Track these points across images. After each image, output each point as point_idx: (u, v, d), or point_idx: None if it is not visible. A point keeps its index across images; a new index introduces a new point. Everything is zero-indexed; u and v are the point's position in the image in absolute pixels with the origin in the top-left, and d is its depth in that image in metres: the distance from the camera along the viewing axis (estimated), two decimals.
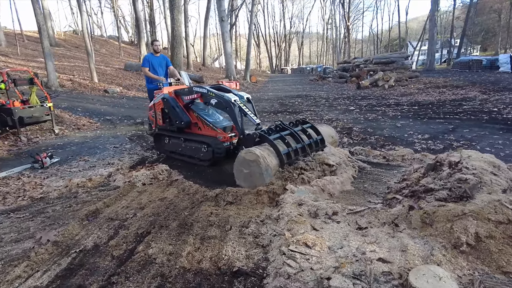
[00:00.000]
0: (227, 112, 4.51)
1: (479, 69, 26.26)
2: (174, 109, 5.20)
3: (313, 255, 2.44)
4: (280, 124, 4.50)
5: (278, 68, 66.52)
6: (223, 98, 4.46)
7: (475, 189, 3.07)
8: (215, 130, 5.01)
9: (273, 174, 3.90)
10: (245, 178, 3.89)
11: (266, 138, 4.09)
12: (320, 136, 4.53)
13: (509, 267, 2.23)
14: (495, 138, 6.01)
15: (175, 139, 5.42)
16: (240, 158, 3.91)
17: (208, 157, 4.95)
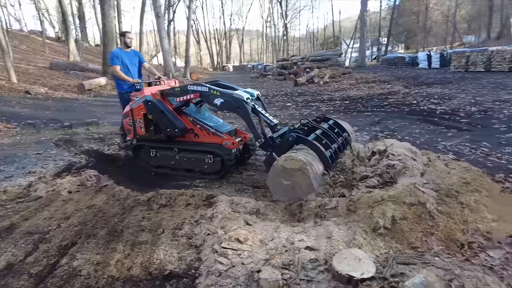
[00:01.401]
0: (239, 113, 3.84)
1: (403, 66, 28.83)
2: (163, 114, 4.33)
3: (244, 250, 2.49)
4: (307, 122, 4.06)
5: (219, 65, 66.20)
6: (232, 97, 3.80)
7: (400, 174, 3.39)
8: (219, 136, 4.29)
9: (320, 182, 3.37)
10: (286, 190, 3.30)
11: (306, 140, 3.54)
12: (346, 133, 4.21)
13: (417, 243, 2.50)
14: (413, 128, 6.67)
15: (164, 151, 4.59)
16: (278, 168, 3.29)
17: (216, 168, 4.25)
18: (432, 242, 2.49)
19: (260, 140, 3.77)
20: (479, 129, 6.32)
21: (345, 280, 2.14)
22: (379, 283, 2.12)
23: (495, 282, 2.14)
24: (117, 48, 5.83)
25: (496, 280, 2.16)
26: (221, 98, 3.89)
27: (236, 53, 76.52)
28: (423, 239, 2.50)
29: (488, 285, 2.11)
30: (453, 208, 2.74)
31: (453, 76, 17.25)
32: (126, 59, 5.66)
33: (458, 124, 6.80)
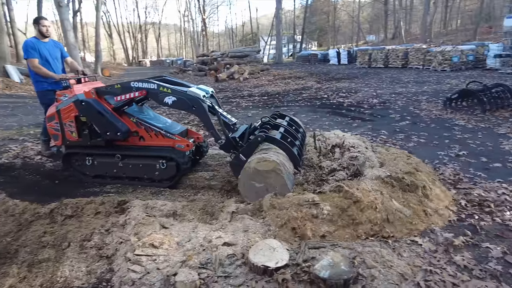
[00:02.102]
0: (194, 113, 3.59)
1: (316, 62, 30.85)
2: (101, 116, 3.82)
3: (160, 255, 2.40)
4: (269, 120, 3.85)
5: (135, 60, 62.45)
6: (187, 95, 3.49)
7: (364, 165, 3.56)
8: (170, 137, 3.90)
9: (292, 182, 3.27)
10: (258, 193, 3.14)
11: (274, 139, 3.41)
12: (302, 129, 4.12)
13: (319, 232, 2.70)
14: (323, 120, 7.20)
15: (104, 158, 4.04)
16: (250, 170, 3.11)
17: (169, 174, 3.86)
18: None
19: (220, 141, 3.54)
20: (379, 119, 7.11)
21: (261, 271, 2.22)
22: (292, 269, 2.25)
23: (389, 253, 2.45)
24: (32, 37, 4.91)
25: (390, 252, 2.47)
26: (173, 96, 3.53)
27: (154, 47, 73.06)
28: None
29: (383, 256, 2.39)
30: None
31: (359, 72, 19.08)
32: (45, 51, 4.81)
33: (362, 115, 7.56)
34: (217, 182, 3.82)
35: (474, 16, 36.67)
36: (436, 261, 2.36)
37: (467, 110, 7.38)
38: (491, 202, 3.17)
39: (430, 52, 17.88)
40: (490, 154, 4.61)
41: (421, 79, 13.85)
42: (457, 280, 2.15)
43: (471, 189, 3.46)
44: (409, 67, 19.44)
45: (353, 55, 26.68)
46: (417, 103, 8.65)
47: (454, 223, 2.87)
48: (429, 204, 3.00)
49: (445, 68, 16.47)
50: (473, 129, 5.94)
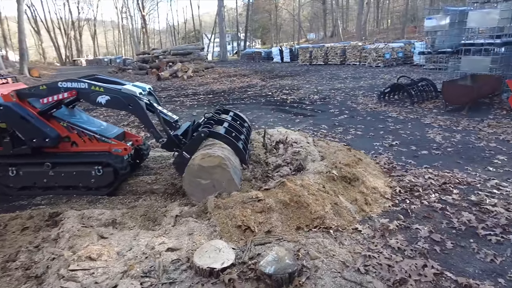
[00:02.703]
0: (131, 111, 3.34)
1: (260, 60, 31.24)
2: (25, 121, 3.44)
3: (98, 267, 2.24)
4: (212, 116, 3.72)
5: (69, 59, 57.83)
6: (121, 93, 3.25)
7: (306, 160, 3.59)
8: (106, 141, 3.63)
9: (240, 177, 3.22)
10: (205, 190, 3.03)
11: (218, 134, 3.29)
12: (247, 123, 4.07)
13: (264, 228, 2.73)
14: (268, 117, 7.31)
15: (31, 167, 3.63)
16: (195, 167, 2.99)
17: (107, 181, 3.58)
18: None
19: (162, 140, 3.39)
20: (319, 114, 7.40)
21: (207, 273, 2.17)
22: (239, 268, 2.23)
23: (331, 243, 2.55)
24: None
25: (332, 242, 2.57)
26: (106, 95, 3.31)
27: (90, 46, 68.25)
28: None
29: (326, 247, 2.48)
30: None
31: (301, 69, 19.71)
32: None
33: (304, 111, 7.81)
34: (159, 185, 3.67)
35: (401, 17, 39.88)
36: (374, 246, 2.51)
37: (399, 103, 8.00)
38: (420, 186, 3.47)
39: (365, 49, 19.08)
40: (418, 142, 5.04)
41: (358, 74, 14.71)
42: (392, 261, 2.31)
43: (403, 176, 3.75)
44: (347, 63, 20.54)
45: (295, 53, 27.45)
46: (354, 97, 9.16)
47: (390, 208, 3.08)
48: (368, 192, 3.18)
49: (379, 64, 17.69)
50: (404, 120, 6.45)
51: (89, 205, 3.35)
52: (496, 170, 3.88)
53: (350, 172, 3.34)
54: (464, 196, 3.26)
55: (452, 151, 4.59)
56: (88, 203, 3.42)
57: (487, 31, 8.55)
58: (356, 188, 3.23)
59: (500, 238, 2.56)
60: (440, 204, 3.11)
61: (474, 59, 8.11)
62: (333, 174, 3.23)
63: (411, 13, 41.33)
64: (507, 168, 3.91)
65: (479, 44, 7.95)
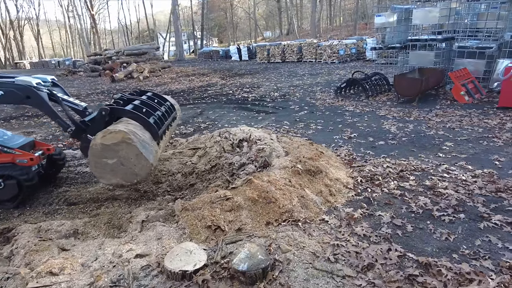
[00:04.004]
0: (31, 104, 3.06)
1: (218, 58, 31.02)
2: None
3: (61, 282, 2.11)
4: (121, 97, 3.47)
5: (10, 62, 53.44)
6: (15, 85, 2.98)
7: (271, 156, 3.57)
8: (9, 152, 3.35)
9: (155, 152, 2.97)
10: (114, 170, 2.79)
11: (122, 110, 3.07)
12: (168, 102, 3.89)
13: (235, 226, 2.73)
14: (231, 115, 7.29)
15: None
16: (98, 147, 2.73)
17: (11, 194, 3.32)
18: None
19: (70, 130, 3.21)
20: (281, 110, 7.52)
21: (179, 276, 2.13)
22: (212, 268, 2.21)
23: (301, 235, 2.60)
24: None
25: (301, 234, 2.63)
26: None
27: (33, 47, 63.55)
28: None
29: (296, 239, 2.54)
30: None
31: (259, 67, 19.84)
32: None
33: (266, 108, 7.89)
34: (122, 191, 3.53)
35: (352, 14, 41.64)
36: (341, 235, 2.61)
37: (355, 97, 8.34)
38: (379, 175, 3.65)
39: (320, 46, 19.63)
40: (375, 134, 5.30)
41: (314, 71, 15.12)
42: (359, 248, 2.41)
43: (363, 166, 3.93)
44: (303, 61, 21.01)
45: (253, 51, 27.58)
46: (312, 93, 9.41)
47: (353, 198, 3.21)
48: (332, 184, 3.29)
49: (334, 61, 18.31)
50: (360, 113, 6.74)
51: (46, 217, 3.14)
52: (445, 156, 4.18)
53: (314, 166, 3.43)
54: (420, 181, 3.49)
55: (406, 140, 4.88)
56: (44, 215, 3.20)
57: (430, 28, 9.18)
58: (320, 181, 3.33)
59: (452, 218, 2.77)
60: (399, 190, 3.30)
61: (420, 53, 8.69)
62: (298, 168, 3.30)
63: (362, 10, 43.25)
64: (454, 154, 4.23)
65: (424, 39, 8.51)
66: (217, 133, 4.53)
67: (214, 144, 4.18)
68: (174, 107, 4.05)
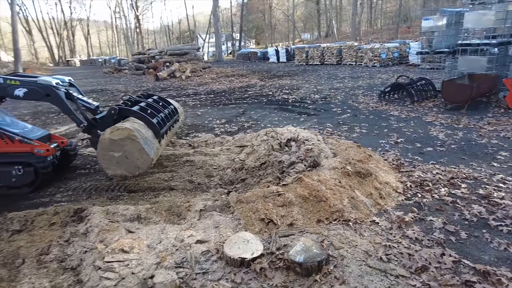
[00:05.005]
0: (50, 101, 3.55)
1: (256, 60, 31.38)
2: None
3: (132, 259, 2.33)
4: (129, 98, 4.00)
5: (63, 60, 57.31)
6: (38, 84, 3.46)
7: (319, 157, 3.69)
8: (28, 143, 3.76)
9: (156, 149, 3.47)
10: (119, 163, 3.32)
11: (129, 110, 3.56)
12: (172, 106, 4.34)
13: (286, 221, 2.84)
14: (272, 116, 7.42)
15: None
16: (106, 142, 3.24)
17: (28, 180, 3.73)
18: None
19: (82, 125, 3.67)
20: (322, 113, 7.53)
21: (238, 263, 2.27)
22: (268, 258, 2.34)
23: (352, 234, 2.66)
24: None
25: (352, 233, 2.68)
26: (23, 88, 3.55)
27: (83, 46, 67.65)
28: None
29: (347, 237, 2.60)
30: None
31: (298, 69, 19.86)
32: None
33: (307, 110, 7.94)
34: (177, 182, 3.75)
35: (394, 17, 40.33)
36: (392, 236, 2.63)
37: (399, 102, 8.17)
38: (429, 181, 3.61)
39: (361, 49, 19.30)
40: (422, 140, 5.19)
41: (355, 74, 14.90)
42: (411, 251, 2.43)
43: (412, 171, 3.89)
44: (343, 63, 20.76)
45: (291, 53, 27.62)
46: (354, 97, 9.32)
47: (403, 202, 3.21)
48: (381, 187, 3.31)
49: (375, 64, 17.93)
50: (406, 118, 6.61)
51: (110, 202, 3.42)
52: (500, 166, 4.03)
53: (363, 168, 3.46)
54: (472, 190, 3.40)
55: (456, 148, 4.74)
56: (108, 199, 3.49)
57: (482, 32, 8.77)
58: (370, 183, 3.35)
59: (511, 229, 2.70)
60: (450, 197, 3.25)
61: (470, 59, 8.32)
62: (348, 169, 3.35)
63: (404, 13, 41.81)
64: (511, 164, 4.07)
65: (476, 44, 8.16)
66: (263, 132, 4.66)
67: (261, 142, 4.31)
68: (177, 110, 4.54)
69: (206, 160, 4.39)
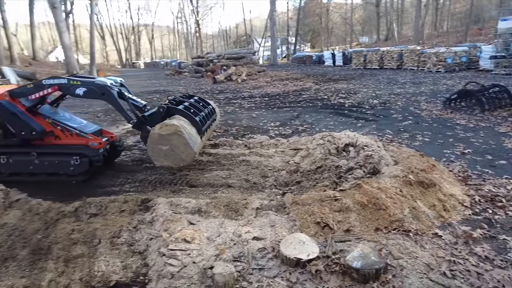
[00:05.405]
0: (105, 99, 3.97)
1: (311, 63, 31.11)
2: (15, 117, 4.05)
3: (193, 249, 2.48)
4: (174, 98, 4.36)
5: (129, 62, 62.09)
6: (95, 84, 3.91)
7: (379, 164, 3.63)
8: (84, 136, 4.22)
9: (199, 144, 3.82)
10: (166, 155, 3.68)
11: (175, 109, 3.94)
12: (211, 106, 4.69)
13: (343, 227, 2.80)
14: (328, 120, 7.32)
15: (20, 156, 4.21)
16: (155, 136, 3.63)
17: (83, 169, 4.17)
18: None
19: (132, 121, 3.98)
20: (381, 119, 7.26)
21: (294, 263, 2.31)
22: (323, 261, 2.34)
23: (412, 245, 2.55)
24: None
25: (413, 244, 2.57)
26: (83, 87, 3.93)
27: (147, 49, 72.70)
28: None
29: (407, 248, 2.50)
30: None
31: (355, 73, 19.31)
32: None
33: (365, 115, 7.70)
34: (234, 180, 3.90)
35: (463, 18, 37.30)
36: (457, 252, 2.47)
37: (466, 110, 7.57)
38: (502, 197, 3.31)
39: (424, 53, 18.19)
40: (494, 152, 4.77)
41: (417, 80, 14.10)
42: (480, 269, 2.26)
43: (481, 185, 3.60)
44: (404, 68, 19.74)
45: (348, 57, 26.94)
46: (416, 103, 8.83)
47: (470, 217, 2.99)
48: (446, 199, 3.12)
49: (440, 69, 16.78)
50: (475, 128, 6.11)
51: (173, 195, 3.65)
52: None
53: (427, 178, 3.29)
54: None
55: None
56: (171, 192, 3.74)
57: None
58: (433, 194, 3.18)
59: None
60: None
61: None
62: (410, 178, 3.21)
63: (475, 14, 38.47)
64: None
65: None
66: (319, 136, 4.62)
67: (317, 146, 4.29)
68: (215, 110, 4.85)
69: (261, 161, 4.49)
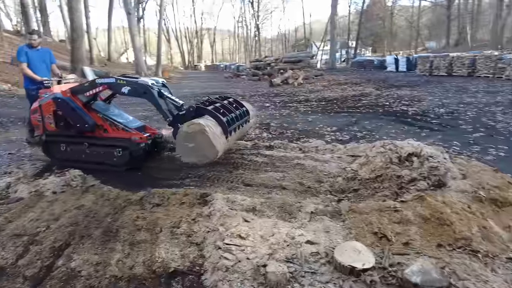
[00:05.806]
0: (146, 98, 4.32)
1: (372, 68, 29.95)
2: (74, 111, 4.61)
3: (247, 246, 2.54)
4: (208, 99, 4.59)
5: (191, 64, 65.35)
6: (138, 84, 4.30)
7: (446, 176, 3.44)
8: (128, 131, 4.67)
9: (223, 143, 3.98)
10: (192, 152, 3.87)
11: (204, 109, 4.14)
12: (244, 108, 4.84)
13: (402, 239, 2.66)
14: (389, 128, 7.00)
15: (75, 145, 4.80)
16: (182, 133, 3.85)
17: (124, 160, 4.64)
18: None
19: (168, 119, 4.22)
20: (448, 129, 6.75)
21: (348, 271, 2.25)
22: (379, 272, 2.25)
23: (481, 268, 2.35)
24: (24, 45, 5.88)
25: (481, 267, 2.36)
26: (128, 86, 4.30)
27: (208, 52, 75.91)
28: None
29: (475, 270, 2.30)
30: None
31: (419, 79, 18.17)
32: (34, 57, 5.73)
33: (430, 124, 7.22)
34: (288, 182, 3.91)
35: None
36: None
37: None
38: None
39: (503, 59, 16.49)
40: None
41: (492, 88, 12.84)
42: None
43: None
44: (476, 75, 18.09)
45: (412, 62, 25.45)
46: (490, 114, 8.05)
47: None
48: None
49: None
50: None
51: (229, 192, 3.78)
52: None
53: (501, 196, 2.99)
54: None
55: None
56: (227, 189, 3.87)
57: None
58: (508, 214, 2.88)
59: None
60: None
61: None
62: (480, 194, 2.95)
63: None
64: None
65: None
66: (380, 143, 4.44)
67: (377, 154, 4.13)
68: (249, 112, 4.89)
69: (316, 165, 4.45)
